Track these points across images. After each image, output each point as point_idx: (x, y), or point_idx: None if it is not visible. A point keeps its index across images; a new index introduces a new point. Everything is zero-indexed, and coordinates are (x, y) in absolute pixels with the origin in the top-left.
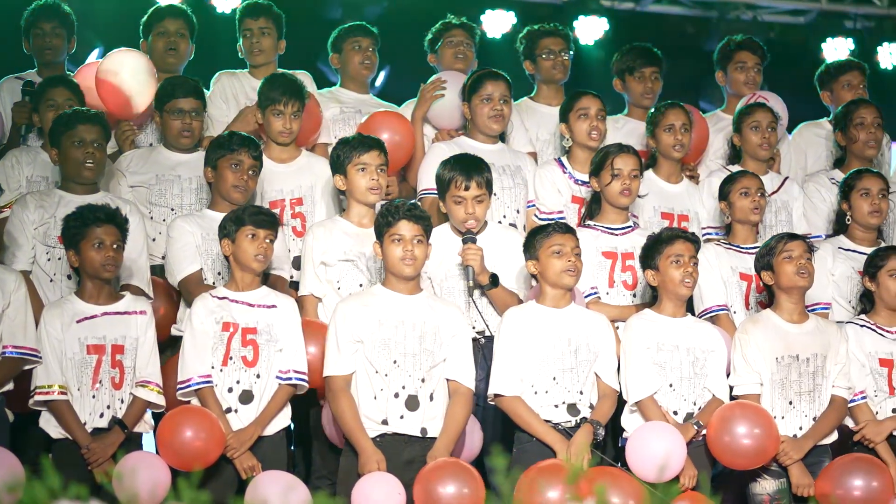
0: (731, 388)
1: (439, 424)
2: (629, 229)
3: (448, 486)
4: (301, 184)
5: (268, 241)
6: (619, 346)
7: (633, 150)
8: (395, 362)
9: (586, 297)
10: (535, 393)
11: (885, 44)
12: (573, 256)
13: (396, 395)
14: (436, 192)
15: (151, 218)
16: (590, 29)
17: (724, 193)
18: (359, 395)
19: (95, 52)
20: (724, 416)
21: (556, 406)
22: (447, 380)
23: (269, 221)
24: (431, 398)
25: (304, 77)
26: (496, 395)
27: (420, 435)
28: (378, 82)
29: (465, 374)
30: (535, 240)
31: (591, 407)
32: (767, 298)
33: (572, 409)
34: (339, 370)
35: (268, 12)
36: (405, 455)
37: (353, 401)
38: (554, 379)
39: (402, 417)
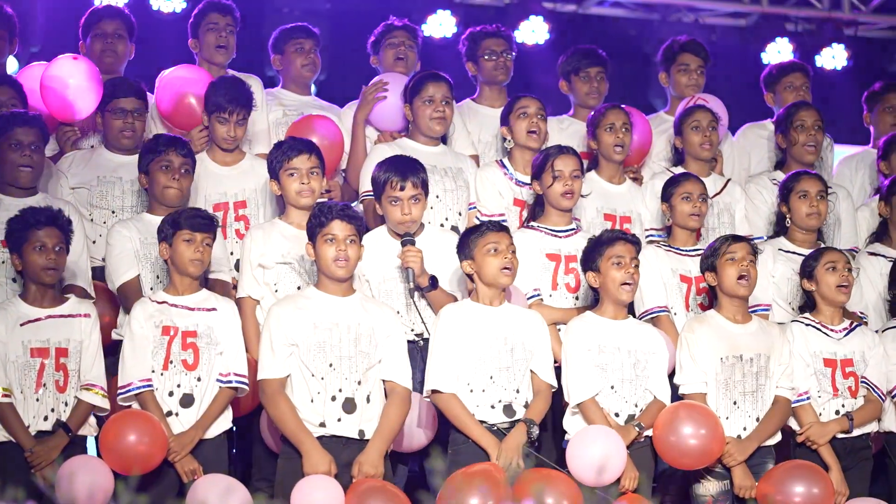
0: (677, 387)
1: (376, 426)
2: (572, 232)
3: None
4: (245, 187)
5: (205, 244)
6: (562, 348)
7: (574, 151)
8: (330, 365)
9: (529, 298)
10: (472, 391)
11: (826, 46)
12: (509, 254)
13: (333, 398)
14: None
15: (92, 220)
16: (533, 32)
17: (666, 195)
18: (295, 399)
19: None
20: (670, 416)
21: (493, 406)
22: (383, 381)
23: (205, 224)
24: (368, 400)
25: (253, 81)
26: (432, 391)
27: (358, 437)
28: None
29: (401, 375)
30: (469, 239)
31: (527, 405)
32: (708, 301)
33: (508, 409)
34: (275, 373)
35: (233, 13)
36: (343, 457)
37: (291, 402)
38: (491, 378)
39: (339, 420)
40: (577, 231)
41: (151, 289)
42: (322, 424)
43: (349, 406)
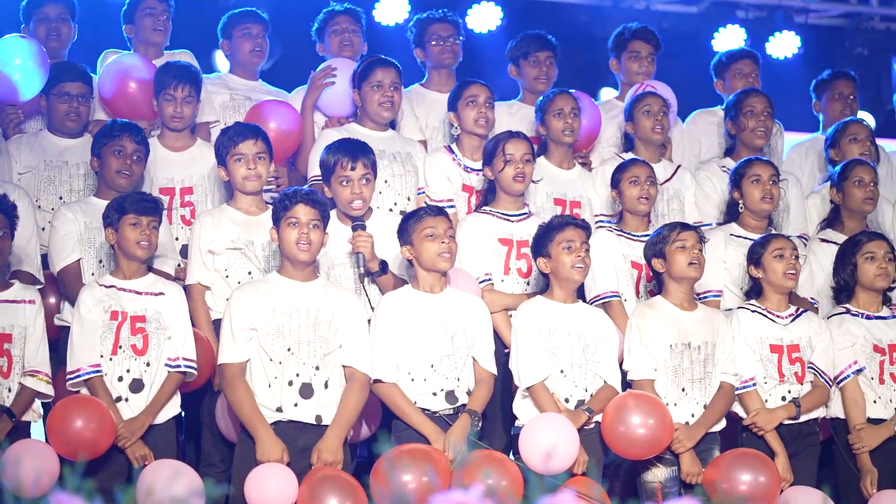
0: (626, 374)
1: (334, 412)
2: (525, 216)
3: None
4: (192, 173)
5: (151, 227)
6: (512, 332)
7: (524, 135)
8: (288, 350)
9: (481, 283)
10: (413, 380)
11: (777, 33)
12: (447, 238)
13: (290, 383)
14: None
15: (40, 206)
16: (484, 17)
17: (615, 181)
18: (253, 383)
19: None
20: (618, 406)
21: (435, 394)
22: (343, 366)
23: (151, 208)
24: (326, 386)
25: (187, 56)
26: (374, 381)
27: (315, 422)
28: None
29: (361, 360)
30: (408, 224)
31: (469, 393)
32: (658, 287)
33: (450, 396)
34: (234, 358)
35: None
36: (300, 443)
37: (250, 388)
38: (432, 366)
39: (296, 405)
40: (530, 216)
41: (93, 274)
42: (279, 409)
43: (306, 391)
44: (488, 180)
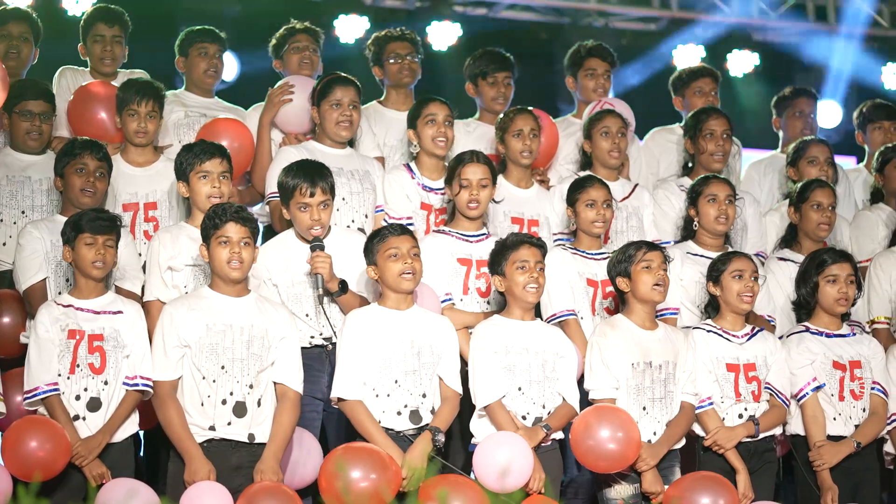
0: (588, 392)
1: (266, 430)
2: (483, 237)
3: None
4: (156, 188)
5: (107, 245)
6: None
7: (485, 158)
8: (222, 368)
9: (441, 302)
10: (377, 396)
11: (735, 50)
12: (410, 258)
13: (224, 402)
14: None
15: (1, 221)
16: (443, 34)
17: (570, 200)
18: (185, 401)
19: None
20: (588, 420)
21: (399, 413)
22: (274, 383)
23: (106, 226)
24: (259, 403)
25: (142, 76)
26: (339, 399)
27: (248, 441)
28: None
29: (293, 378)
30: (372, 244)
31: (434, 411)
32: (614, 304)
33: (414, 416)
34: (166, 375)
35: (122, 20)
36: (233, 461)
37: (181, 407)
38: (396, 382)
39: (229, 424)
40: (488, 236)
41: (60, 293)
42: (212, 428)
43: (240, 410)
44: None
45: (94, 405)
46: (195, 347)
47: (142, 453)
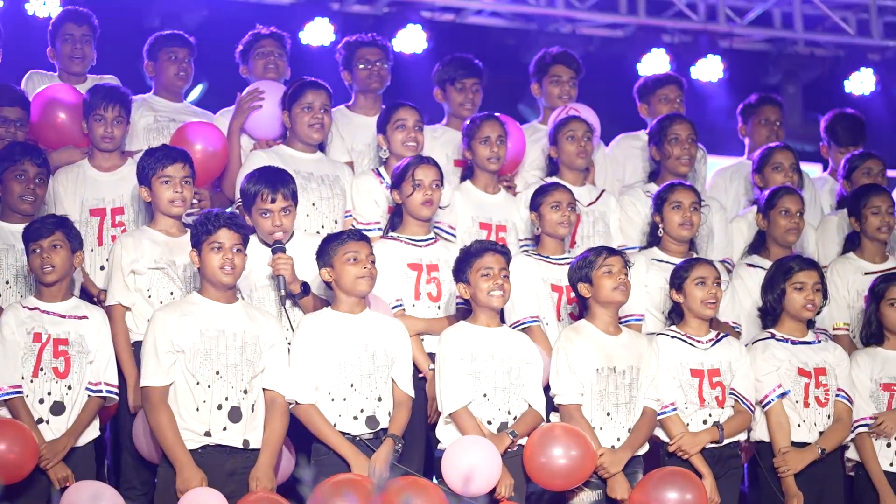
0: (553, 398)
1: (260, 435)
2: (432, 241)
3: None
4: (123, 193)
5: (52, 246)
6: (436, 358)
7: (434, 161)
8: (217, 373)
9: (392, 308)
10: (333, 400)
11: (702, 58)
12: (368, 264)
13: (220, 407)
14: None
15: None
16: (410, 40)
17: (534, 205)
18: (179, 407)
19: None
20: (540, 438)
21: (356, 417)
22: (264, 389)
23: (48, 229)
24: (253, 409)
25: (112, 81)
26: (295, 403)
27: (242, 446)
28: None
29: (283, 384)
30: (329, 247)
31: (390, 414)
32: (579, 310)
33: (371, 421)
34: (158, 381)
35: (90, 21)
36: (227, 466)
37: (172, 414)
38: (352, 385)
39: (224, 429)
40: (437, 240)
41: (23, 296)
42: (207, 433)
43: (235, 415)
44: (395, 204)
45: (57, 409)
46: (189, 353)
47: (108, 459)
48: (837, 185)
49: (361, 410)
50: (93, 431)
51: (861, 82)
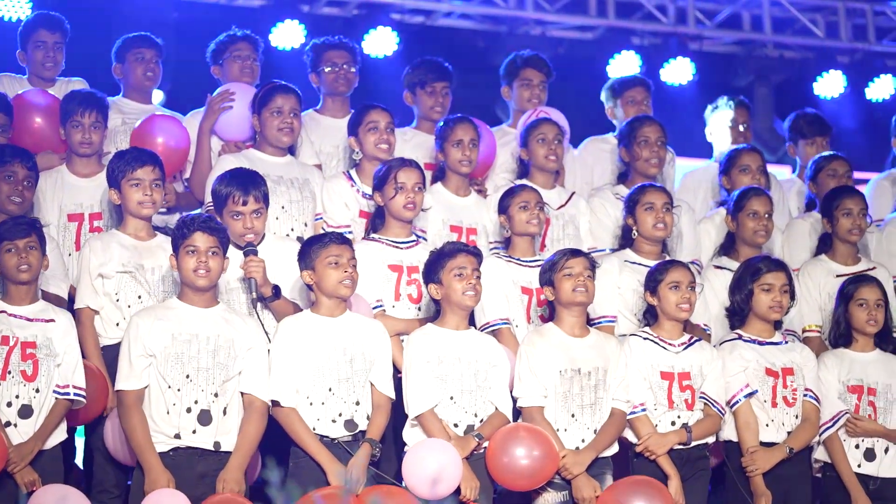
0: (516, 400)
1: (233, 438)
2: (413, 243)
3: None
4: (101, 199)
5: (28, 247)
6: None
7: (417, 164)
8: (187, 377)
9: (373, 309)
10: (311, 404)
11: (671, 60)
12: (350, 267)
13: (189, 410)
14: None
15: None
16: (380, 42)
17: (503, 207)
18: (151, 410)
19: None
20: (503, 438)
21: (334, 421)
22: (241, 393)
23: (24, 230)
24: (225, 412)
25: (81, 84)
26: (274, 404)
27: (213, 449)
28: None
29: (260, 388)
30: (311, 250)
31: (369, 418)
32: (549, 312)
33: (350, 424)
34: (131, 385)
35: (63, 27)
36: (198, 469)
37: (144, 417)
38: (330, 389)
39: (194, 432)
40: (418, 242)
41: None
42: (177, 436)
43: (205, 418)
44: (377, 206)
45: (25, 412)
46: (160, 357)
47: (80, 461)
48: (805, 186)
49: (340, 414)
50: (60, 434)
51: (830, 84)
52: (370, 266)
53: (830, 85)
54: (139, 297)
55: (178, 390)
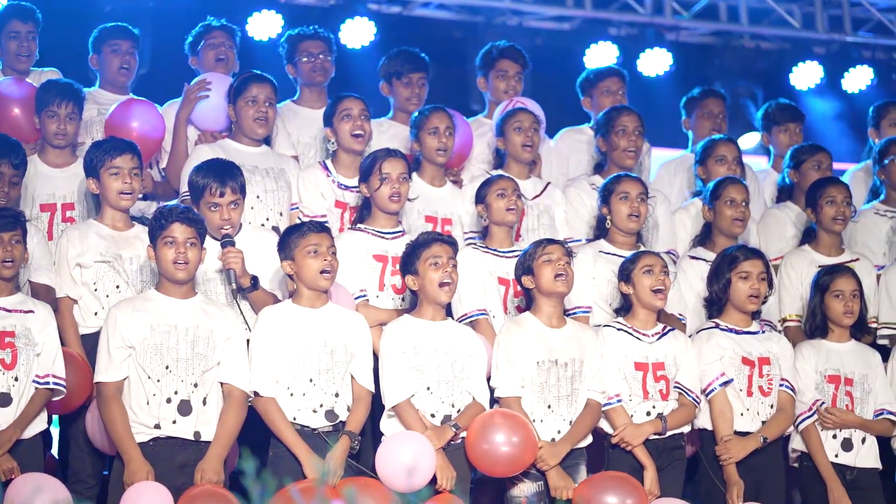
0: (493, 390)
1: (213, 428)
2: (399, 234)
3: None
4: (74, 189)
5: (13, 242)
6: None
7: (402, 154)
8: (167, 367)
9: (356, 299)
10: (292, 395)
11: (648, 50)
12: (329, 256)
13: (169, 401)
14: None
15: None
16: (357, 32)
17: (480, 196)
18: (131, 400)
19: None
20: (483, 425)
21: (315, 411)
22: (221, 383)
23: (9, 223)
24: (204, 402)
25: (55, 74)
26: (254, 395)
27: (193, 438)
28: None
29: (239, 377)
30: (290, 239)
31: (349, 409)
32: (526, 303)
33: (330, 414)
34: (110, 377)
35: (35, 17)
36: (178, 459)
37: (124, 408)
38: (311, 381)
39: (174, 422)
40: (404, 233)
41: None
42: (157, 426)
43: (185, 408)
44: (364, 197)
45: (4, 401)
46: (140, 348)
47: (56, 451)
48: (780, 176)
49: (321, 405)
50: (40, 424)
51: (806, 75)
52: (355, 255)
53: (807, 76)
54: (117, 286)
55: (158, 381)
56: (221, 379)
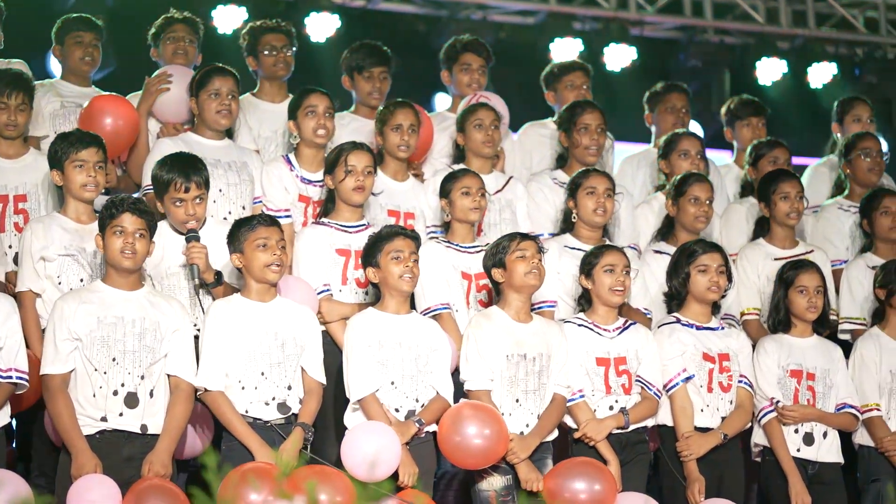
0: (463, 383)
1: (160, 421)
2: (363, 227)
3: None
4: (26, 180)
5: None
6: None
7: (368, 147)
8: (113, 360)
9: (319, 293)
10: (244, 388)
11: (612, 45)
12: (279, 250)
13: (115, 393)
14: None
15: None
16: (321, 25)
17: (444, 191)
18: (78, 393)
19: None
20: (455, 416)
21: (267, 403)
22: (168, 375)
23: None
24: (151, 395)
25: (20, 66)
26: (204, 390)
27: (140, 431)
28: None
29: (186, 370)
30: (239, 232)
31: (301, 402)
32: (488, 297)
33: (283, 407)
34: (56, 369)
35: None
36: (125, 452)
37: (70, 401)
38: (262, 374)
39: (121, 415)
40: (368, 227)
41: None
42: (104, 419)
43: (131, 400)
44: (328, 190)
45: None
46: (86, 340)
47: (14, 444)
48: (743, 172)
49: (273, 398)
50: (3, 417)
51: (770, 70)
52: (317, 250)
53: (771, 70)
54: (81, 279)
55: (105, 373)
56: (168, 371)
